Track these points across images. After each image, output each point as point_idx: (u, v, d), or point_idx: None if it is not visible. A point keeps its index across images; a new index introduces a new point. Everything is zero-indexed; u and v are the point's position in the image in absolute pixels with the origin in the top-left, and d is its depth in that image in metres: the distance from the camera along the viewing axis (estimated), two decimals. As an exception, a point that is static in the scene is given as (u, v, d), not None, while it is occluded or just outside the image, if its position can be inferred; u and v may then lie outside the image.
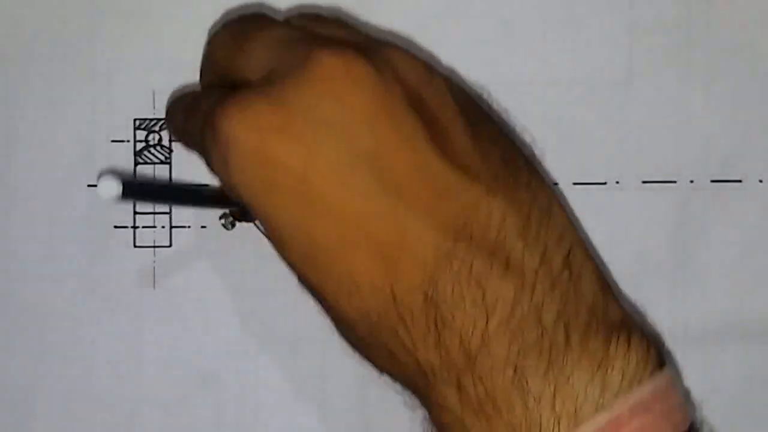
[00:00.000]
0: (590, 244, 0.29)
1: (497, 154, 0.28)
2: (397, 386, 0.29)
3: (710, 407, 0.34)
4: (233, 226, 0.34)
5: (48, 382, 0.35)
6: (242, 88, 0.28)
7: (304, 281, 0.29)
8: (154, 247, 0.35)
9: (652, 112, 0.35)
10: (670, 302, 0.34)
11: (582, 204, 0.34)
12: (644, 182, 0.34)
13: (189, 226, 0.35)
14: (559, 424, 0.26)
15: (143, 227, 0.35)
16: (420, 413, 0.28)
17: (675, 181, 0.35)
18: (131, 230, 0.35)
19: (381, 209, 0.27)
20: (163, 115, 0.35)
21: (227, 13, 0.34)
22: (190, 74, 0.35)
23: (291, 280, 0.35)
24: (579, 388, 0.26)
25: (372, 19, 0.35)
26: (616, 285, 0.34)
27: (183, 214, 0.35)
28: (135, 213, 0.35)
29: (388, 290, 0.27)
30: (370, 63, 0.27)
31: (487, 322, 0.26)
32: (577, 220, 0.29)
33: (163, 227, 0.35)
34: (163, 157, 0.35)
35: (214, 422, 0.35)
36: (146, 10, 0.35)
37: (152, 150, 0.35)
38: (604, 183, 0.35)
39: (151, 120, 0.35)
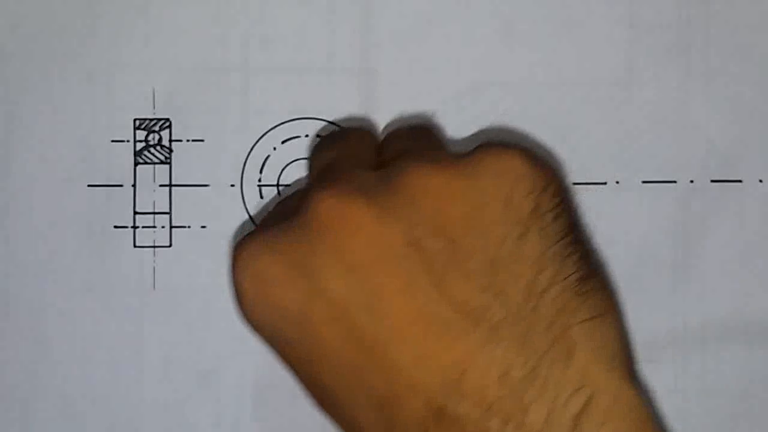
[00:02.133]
0: (628, 372, 0.26)
1: (520, 284, 0.26)
2: None
3: (710, 407, 0.34)
4: None
5: (48, 382, 0.35)
6: (261, 227, 0.29)
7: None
8: (154, 247, 0.35)
9: (652, 112, 0.35)
10: (670, 302, 0.34)
11: (582, 204, 0.34)
12: (644, 182, 0.34)
13: (189, 226, 0.35)
14: None
15: (143, 227, 0.35)
16: None
17: (675, 181, 0.35)
18: (131, 230, 0.35)
19: (373, 360, 0.26)
20: (162, 115, 0.35)
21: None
22: (190, 74, 0.35)
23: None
24: None
25: (373, 20, 0.35)
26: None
27: (183, 214, 0.35)
28: (135, 213, 0.35)
29: None
30: (371, 204, 0.26)
31: None
32: (613, 359, 0.25)
33: (163, 227, 0.35)
34: (163, 157, 0.35)
35: (214, 422, 0.35)
36: (146, 10, 0.35)
37: (152, 150, 0.35)
38: (604, 183, 0.35)
39: (151, 120, 0.35)
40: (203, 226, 0.35)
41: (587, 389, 0.25)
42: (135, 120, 0.35)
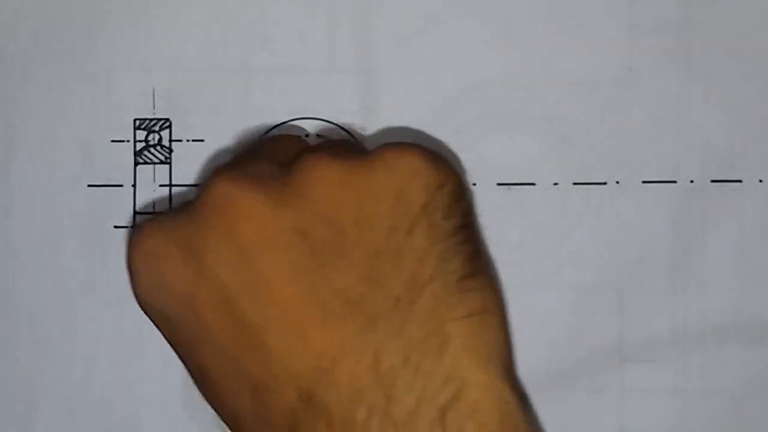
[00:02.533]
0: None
1: (402, 277, 0.26)
2: None
3: (710, 407, 0.34)
4: None
5: (48, 382, 0.35)
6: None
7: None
8: (154, 247, 0.35)
9: (652, 112, 0.35)
10: (670, 302, 0.34)
11: (582, 204, 0.34)
12: (644, 182, 0.35)
13: (189, 226, 0.35)
14: None
15: (143, 227, 0.35)
16: None
17: (675, 181, 0.35)
18: (131, 230, 0.35)
19: (252, 345, 0.26)
20: (162, 115, 0.35)
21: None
22: (190, 74, 0.35)
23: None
24: None
25: (373, 20, 0.35)
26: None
27: (183, 214, 0.35)
28: (135, 213, 0.35)
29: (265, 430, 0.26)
30: (263, 191, 0.27)
31: None
32: (487, 356, 0.26)
33: (163, 227, 0.35)
34: (163, 157, 0.35)
35: (214, 422, 0.35)
36: (146, 10, 0.35)
37: (152, 150, 0.35)
38: (604, 183, 0.35)
39: (151, 120, 0.35)
40: (203, 226, 0.35)
41: (456, 382, 0.25)
42: (135, 120, 0.35)
